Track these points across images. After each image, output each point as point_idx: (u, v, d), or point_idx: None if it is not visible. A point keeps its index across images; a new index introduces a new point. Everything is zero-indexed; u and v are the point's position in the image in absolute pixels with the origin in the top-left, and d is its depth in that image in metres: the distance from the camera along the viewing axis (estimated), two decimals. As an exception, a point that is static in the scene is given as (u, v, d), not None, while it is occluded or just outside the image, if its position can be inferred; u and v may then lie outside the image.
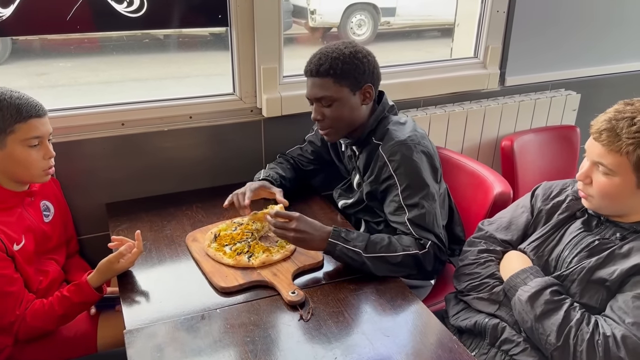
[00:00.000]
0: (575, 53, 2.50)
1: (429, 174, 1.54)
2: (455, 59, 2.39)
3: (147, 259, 1.52)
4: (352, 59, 1.52)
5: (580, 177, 1.28)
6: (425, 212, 1.48)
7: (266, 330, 1.25)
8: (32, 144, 1.41)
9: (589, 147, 1.26)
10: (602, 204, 1.26)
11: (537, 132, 2.40)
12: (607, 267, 1.22)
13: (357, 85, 1.54)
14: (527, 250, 1.38)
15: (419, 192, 1.49)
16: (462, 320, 1.41)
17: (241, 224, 1.64)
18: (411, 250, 1.43)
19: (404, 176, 1.51)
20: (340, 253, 1.43)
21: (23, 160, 1.41)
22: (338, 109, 1.55)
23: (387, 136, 1.56)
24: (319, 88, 1.54)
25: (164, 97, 1.88)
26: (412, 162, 1.51)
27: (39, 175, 1.46)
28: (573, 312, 1.21)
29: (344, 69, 1.51)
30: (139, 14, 1.69)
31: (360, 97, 1.57)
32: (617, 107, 1.23)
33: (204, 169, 1.94)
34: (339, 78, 1.52)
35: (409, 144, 1.52)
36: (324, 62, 1.52)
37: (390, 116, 1.64)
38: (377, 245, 1.44)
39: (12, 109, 1.37)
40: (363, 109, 1.59)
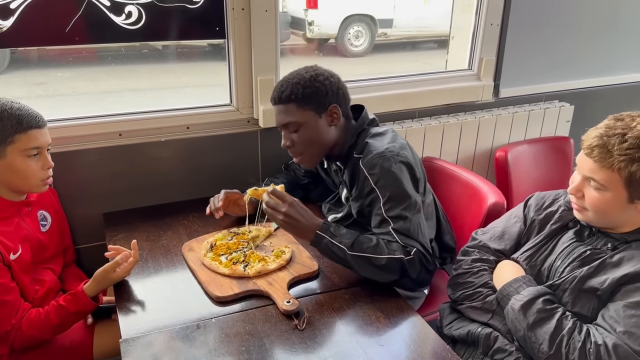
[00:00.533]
0: (568, 65, 2.53)
1: (410, 184, 1.53)
2: (450, 71, 2.42)
3: (144, 268, 1.52)
4: (312, 83, 1.53)
5: (572, 191, 1.29)
6: (408, 222, 1.47)
7: (261, 339, 1.25)
8: (31, 154, 1.42)
9: (581, 162, 1.27)
10: (595, 217, 1.27)
11: (531, 143, 2.42)
12: (598, 276, 1.24)
13: (321, 107, 1.55)
14: (519, 259, 1.39)
15: (401, 204, 1.48)
16: (456, 329, 1.42)
17: (237, 233, 1.65)
18: (396, 255, 1.42)
19: (384, 188, 1.50)
20: (326, 247, 1.43)
21: (22, 171, 1.42)
22: (305, 133, 1.56)
23: (366, 149, 1.56)
24: (284, 114, 1.56)
25: (161, 107, 1.89)
26: (391, 174, 1.50)
27: (37, 185, 1.47)
28: (565, 321, 1.22)
29: (305, 93, 1.52)
30: (137, 26, 1.72)
31: (327, 118, 1.57)
32: (607, 123, 1.24)
33: (201, 179, 1.95)
34: (302, 102, 1.53)
35: (387, 156, 1.52)
36: (285, 88, 1.54)
37: (369, 129, 1.63)
38: (363, 245, 1.43)
39: (12, 119, 1.38)
40: (332, 130, 1.59)
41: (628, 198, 1.20)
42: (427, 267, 1.46)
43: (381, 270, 1.42)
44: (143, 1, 1.70)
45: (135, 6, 1.69)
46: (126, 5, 1.68)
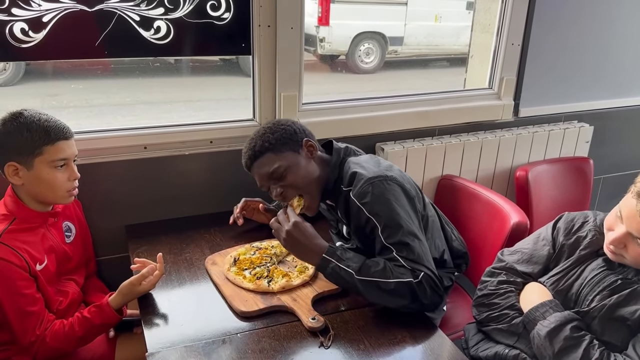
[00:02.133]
0: (588, 85, 2.53)
1: (406, 205, 1.48)
2: (470, 90, 2.42)
3: (167, 281, 1.52)
4: (277, 127, 1.56)
5: (614, 242, 1.23)
6: (410, 247, 1.41)
7: (287, 356, 1.25)
8: (58, 165, 1.43)
9: (630, 218, 1.19)
10: (632, 265, 1.24)
11: (550, 162, 2.42)
12: (629, 305, 1.22)
13: (295, 144, 1.55)
14: (546, 284, 1.37)
15: (399, 229, 1.42)
16: (482, 350, 1.41)
17: (260, 248, 1.65)
18: (404, 278, 1.36)
19: (379, 216, 1.44)
20: (332, 271, 1.39)
21: (49, 182, 1.43)
22: (292, 174, 1.53)
23: (353, 179, 1.51)
24: (266, 165, 1.54)
25: (185, 121, 1.91)
26: (384, 199, 1.45)
27: (63, 196, 1.47)
28: (592, 351, 1.20)
29: (276, 137, 1.53)
30: (166, 41, 1.74)
31: (306, 152, 1.56)
32: None
33: (223, 193, 1.95)
34: (277, 147, 1.53)
35: (375, 182, 1.47)
36: (255, 143, 1.55)
37: (348, 159, 1.60)
38: (371, 269, 1.38)
39: (40, 131, 1.39)
40: (313, 164, 1.57)
41: None
42: (437, 291, 1.40)
43: (390, 294, 1.37)
44: (172, 17, 1.72)
45: (164, 21, 1.71)
46: (155, 20, 1.71)
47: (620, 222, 1.22)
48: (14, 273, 1.35)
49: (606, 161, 2.62)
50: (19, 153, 1.39)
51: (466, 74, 2.61)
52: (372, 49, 7.29)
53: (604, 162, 2.61)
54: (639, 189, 1.18)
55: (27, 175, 1.41)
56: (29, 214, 1.45)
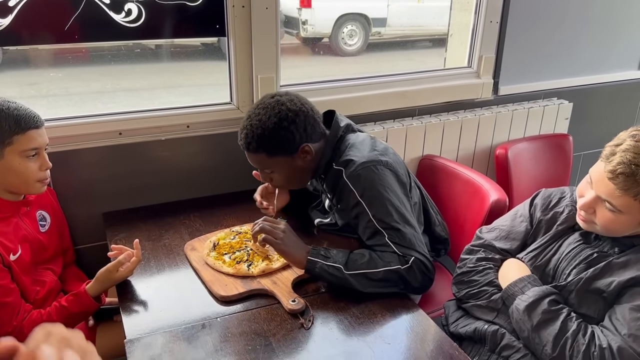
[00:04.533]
0: (566, 62, 2.54)
1: (398, 190, 1.49)
2: (449, 69, 2.41)
3: (146, 268, 1.51)
4: (278, 131, 1.47)
5: (583, 207, 1.25)
6: (402, 232, 1.42)
7: (267, 338, 1.24)
8: (29, 155, 1.40)
9: (598, 181, 1.20)
10: (602, 232, 1.25)
11: (530, 140, 2.43)
12: (604, 278, 1.23)
13: (291, 150, 1.51)
14: (524, 260, 1.38)
15: (391, 215, 1.43)
16: (462, 327, 1.42)
17: (240, 232, 1.64)
18: (392, 266, 1.39)
19: (371, 201, 1.45)
20: (321, 270, 1.39)
21: (20, 172, 1.40)
22: (281, 174, 1.56)
23: (348, 159, 1.50)
24: (256, 163, 1.55)
25: (161, 106, 1.88)
26: (376, 185, 1.46)
27: (35, 186, 1.45)
28: (570, 323, 1.21)
29: (272, 143, 1.48)
30: (137, 24, 1.70)
31: (300, 156, 1.53)
32: (635, 145, 1.15)
33: (201, 178, 1.94)
34: (271, 152, 1.50)
35: (369, 166, 1.47)
36: (251, 140, 1.49)
37: (346, 137, 1.58)
38: (357, 262, 1.40)
39: (10, 120, 1.36)
40: (307, 163, 1.55)
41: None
42: (427, 275, 1.42)
43: (380, 283, 1.39)
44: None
45: (135, 4, 1.68)
46: (126, 3, 1.67)
47: (590, 188, 1.24)
48: None
49: (586, 137, 2.64)
50: None
51: (446, 53, 2.59)
52: (355, 31, 7.24)
53: (584, 139, 2.63)
54: (607, 153, 1.20)
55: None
56: (0, 204, 1.43)
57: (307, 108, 1.53)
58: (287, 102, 1.50)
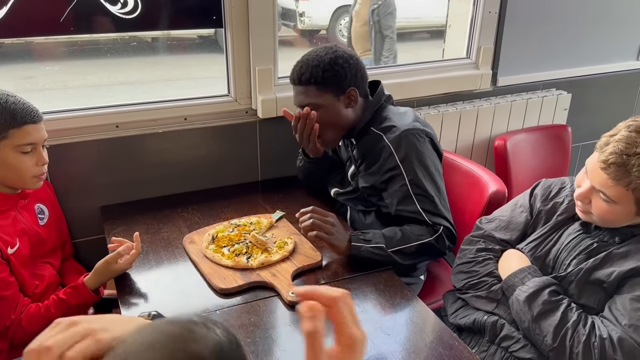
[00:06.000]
0: (565, 53, 2.53)
1: (436, 161, 1.57)
2: (448, 60, 2.40)
3: (145, 261, 1.50)
4: (332, 66, 1.53)
5: (580, 197, 1.26)
6: (435, 200, 1.51)
7: (267, 330, 1.24)
8: (25, 150, 1.38)
9: (593, 171, 1.21)
10: (600, 223, 1.26)
11: (529, 131, 2.42)
12: (604, 268, 1.23)
13: (340, 90, 1.56)
14: (524, 250, 1.38)
15: (427, 182, 1.52)
16: (461, 318, 1.42)
17: (238, 225, 1.64)
18: (424, 239, 1.49)
19: (411, 166, 1.52)
20: (367, 253, 1.46)
21: (15, 167, 1.39)
22: (324, 114, 1.57)
23: (390, 125, 1.57)
24: (303, 96, 1.58)
25: (158, 99, 1.87)
26: (419, 152, 1.53)
27: (30, 181, 1.43)
28: (570, 313, 1.21)
29: (325, 76, 1.53)
30: (133, 15, 1.68)
31: (345, 100, 1.58)
32: (627, 135, 1.16)
33: (199, 171, 1.93)
34: (321, 85, 1.54)
35: (414, 134, 1.54)
36: (305, 71, 1.54)
37: (388, 106, 1.65)
38: (393, 240, 1.48)
39: (6, 114, 1.34)
40: (349, 112, 1.60)
41: (636, 212, 1.19)
42: (452, 240, 1.52)
43: (416, 255, 1.50)
44: (139, -10, 1.67)
45: (131, -5, 1.66)
46: (122, -6, 1.65)
47: (587, 178, 1.24)
48: None
49: (584, 128, 2.63)
50: None
51: (444, 44, 2.58)
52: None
53: (583, 130, 2.62)
54: (601, 143, 1.21)
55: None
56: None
57: (360, 60, 1.61)
58: (343, 47, 1.59)
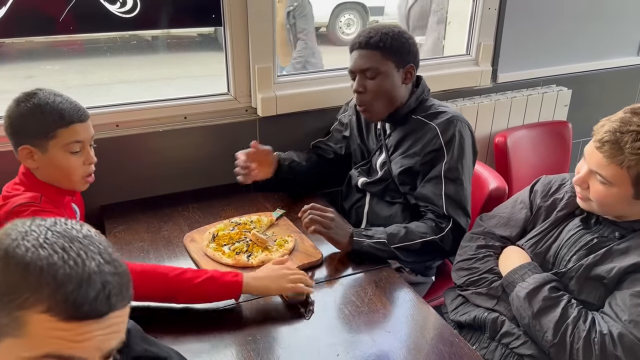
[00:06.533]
0: (565, 49, 2.52)
1: (471, 152, 1.62)
2: (448, 57, 2.40)
3: (145, 259, 1.51)
4: (400, 37, 1.58)
5: (577, 182, 1.27)
6: (461, 188, 1.56)
7: (268, 328, 1.25)
8: (73, 149, 1.36)
9: (589, 154, 1.23)
10: (599, 209, 1.25)
11: (529, 128, 2.42)
12: (604, 264, 1.23)
13: (401, 62, 1.59)
14: (525, 246, 1.38)
15: (462, 168, 1.56)
16: (462, 315, 1.42)
17: (239, 223, 1.64)
18: (428, 237, 1.52)
19: (453, 149, 1.56)
20: (369, 248, 1.49)
21: (63, 167, 1.37)
22: (381, 82, 1.58)
23: (437, 112, 1.62)
24: (366, 59, 1.58)
25: (158, 97, 1.87)
26: (462, 138, 1.58)
27: (78, 182, 1.42)
28: (570, 310, 1.21)
29: (392, 44, 1.56)
30: (132, 14, 1.68)
31: (403, 75, 1.61)
32: (623, 117, 1.18)
33: (199, 170, 1.93)
34: (387, 52, 1.57)
35: (462, 121, 1.60)
36: (374, 35, 1.57)
37: (431, 98, 1.70)
38: (396, 237, 1.51)
39: (54, 114, 1.32)
40: (403, 89, 1.63)
41: (634, 195, 1.18)
42: (458, 240, 1.52)
43: (420, 253, 1.53)
44: (138, -11, 1.67)
45: (130, -6, 1.66)
46: (120, -7, 1.65)
47: (585, 164, 1.25)
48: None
49: (585, 124, 2.60)
50: (32, 136, 1.33)
51: (444, 40, 2.58)
52: (353, 19, 7.20)
53: (583, 126, 2.60)
54: (597, 126, 1.22)
55: (42, 159, 1.35)
56: (49, 190, 1.40)
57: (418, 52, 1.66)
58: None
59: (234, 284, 1.27)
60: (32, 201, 1.32)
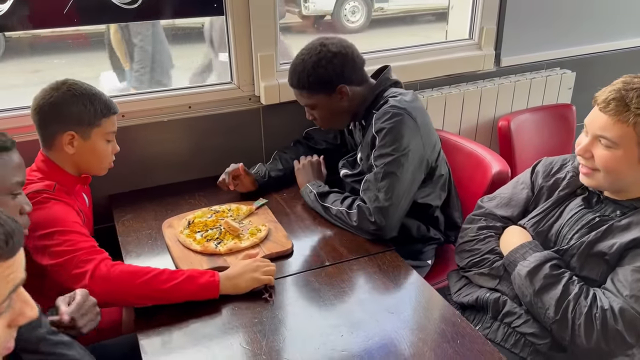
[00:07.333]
0: (569, 32, 2.51)
1: (411, 144, 1.55)
2: (450, 41, 2.39)
3: (153, 246, 1.54)
4: (315, 70, 1.58)
5: (580, 151, 1.26)
6: (389, 175, 1.53)
7: (273, 311, 1.27)
8: (109, 138, 1.49)
9: (592, 121, 1.24)
10: (605, 178, 1.23)
11: (533, 111, 2.42)
12: (606, 240, 1.24)
13: (329, 89, 1.61)
14: (526, 226, 1.39)
15: (390, 157, 1.53)
16: (465, 296, 1.44)
17: (217, 211, 1.66)
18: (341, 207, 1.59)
19: (382, 137, 1.56)
20: (303, 194, 1.72)
21: (100, 153, 1.48)
22: (322, 111, 1.67)
23: (383, 103, 1.61)
24: (300, 97, 1.67)
25: (163, 87, 1.89)
26: (392, 127, 1.54)
27: (104, 168, 1.53)
28: (572, 286, 1.22)
29: (310, 81, 1.59)
30: (135, 5, 1.70)
31: (337, 96, 1.63)
32: (624, 79, 1.21)
33: (204, 158, 1.95)
34: (310, 89, 1.62)
35: (399, 111, 1.56)
36: (293, 76, 1.63)
37: (391, 88, 1.67)
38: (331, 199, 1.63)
39: (101, 104, 1.44)
40: (345, 104, 1.65)
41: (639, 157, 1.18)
42: (369, 219, 1.52)
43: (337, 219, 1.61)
44: (140, -21, 1.68)
45: (132, -15, 1.68)
46: (123, -16, 1.67)
47: (586, 135, 1.25)
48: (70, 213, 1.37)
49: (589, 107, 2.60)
50: (79, 123, 1.41)
51: (447, 25, 2.57)
52: (357, 7, 7.15)
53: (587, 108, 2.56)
54: (597, 94, 1.25)
55: (82, 145, 1.44)
56: (64, 178, 1.46)
57: (349, 52, 1.62)
58: (329, 44, 1.60)
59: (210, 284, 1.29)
60: (46, 189, 1.38)
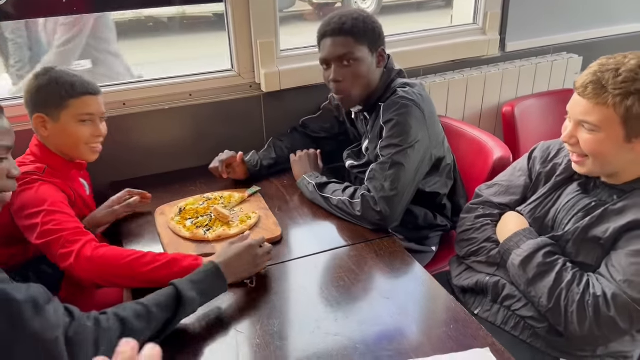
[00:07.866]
0: (575, 16, 2.46)
1: (418, 136, 1.54)
2: (455, 26, 2.36)
3: (153, 233, 1.55)
4: (369, 21, 1.58)
5: (565, 138, 1.25)
6: (392, 168, 1.52)
7: (268, 296, 1.28)
8: (83, 119, 1.47)
9: (573, 107, 1.23)
10: (594, 163, 1.22)
11: (538, 97, 2.38)
12: (601, 225, 1.22)
13: (374, 45, 1.59)
14: (524, 212, 1.39)
15: (397, 148, 1.53)
16: (465, 280, 1.45)
17: (210, 198, 1.67)
18: (343, 197, 1.57)
19: (390, 128, 1.55)
20: (301, 185, 1.70)
21: (72, 135, 1.47)
22: (358, 67, 1.58)
23: (392, 94, 1.60)
24: (341, 46, 1.56)
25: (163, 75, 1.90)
26: (401, 118, 1.54)
27: (85, 152, 1.51)
28: (565, 274, 1.22)
29: (365, 28, 1.56)
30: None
31: (376, 58, 1.61)
32: (600, 62, 1.21)
33: (206, 146, 1.96)
34: (360, 37, 1.56)
35: (407, 103, 1.55)
36: (346, 21, 1.56)
37: (397, 79, 1.66)
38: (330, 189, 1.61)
39: (67, 85, 1.44)
40: (377, 72, 1.63)
41: (625, 137, 1.16)
42: (373, 209, 1.51)
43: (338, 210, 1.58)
44: (139, -33, 1.68)
45: (132, -28, 1.68)
46: (122, -28, 1.67)
47: (569, 122, 1.25)
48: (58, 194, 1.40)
49: (597, 92, 2.57)
50: (46, 105, 1.43)
51: (452, 10, 2.54)
52: (368, -6, 7.10)
53: (595, 94, 2.56)
54: (575, 80, 1.25)
55: (54, 128, 1.45)
56: (57, 162, 1.49)
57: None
58: None
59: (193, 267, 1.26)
60: (36, 171, 1.42)
